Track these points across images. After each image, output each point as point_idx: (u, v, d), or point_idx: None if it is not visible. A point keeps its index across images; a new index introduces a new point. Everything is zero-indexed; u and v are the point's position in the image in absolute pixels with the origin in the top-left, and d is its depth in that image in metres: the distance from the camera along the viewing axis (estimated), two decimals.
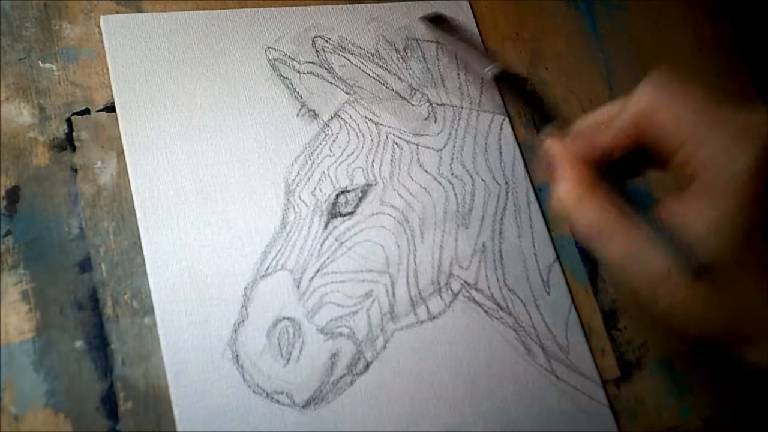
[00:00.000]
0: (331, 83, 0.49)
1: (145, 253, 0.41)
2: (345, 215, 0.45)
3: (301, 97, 0.47)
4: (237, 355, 0.40)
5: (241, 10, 0.48)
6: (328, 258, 0.44)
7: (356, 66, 0.49)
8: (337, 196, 0.46)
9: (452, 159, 0.49)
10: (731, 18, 0.64)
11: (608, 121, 0.39)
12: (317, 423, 0.40)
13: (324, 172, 0.46)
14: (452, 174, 0.49)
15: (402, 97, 0.50)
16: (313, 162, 0.46)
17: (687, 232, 0.34)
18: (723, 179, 0.35)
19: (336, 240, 0.44)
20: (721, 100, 0.36)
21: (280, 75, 0.48)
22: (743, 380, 0.43)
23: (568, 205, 0.38)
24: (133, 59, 0.44)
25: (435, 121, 0.50)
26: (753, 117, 0.35)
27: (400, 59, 0.51)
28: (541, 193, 0.51)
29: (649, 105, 0.37)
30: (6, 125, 0.41)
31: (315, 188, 0.45)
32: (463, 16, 0.54)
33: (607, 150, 0.38)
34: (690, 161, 0.35)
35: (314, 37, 0.49)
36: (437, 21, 0.51)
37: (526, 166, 0.51)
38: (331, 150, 0.47)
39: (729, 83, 0.62)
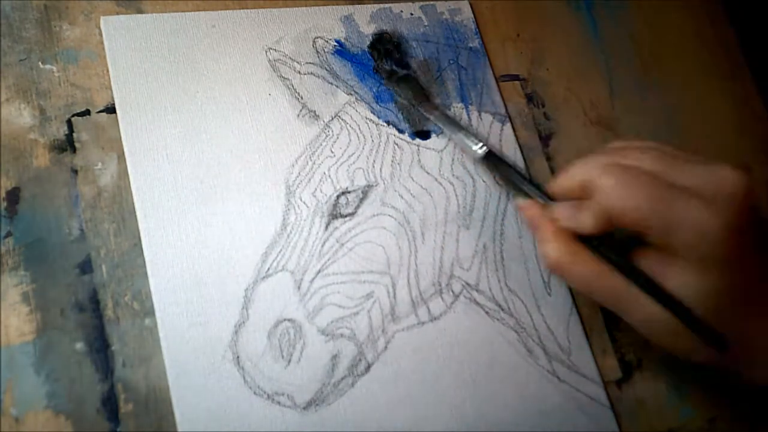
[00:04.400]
0: (331, 84, 0.48)
1: (145, 254, 0.41)
2: (346, 216, 0.45)
3: (302, 97, 0.47)
4: (238, 357, 0.40)
5: (242, 11, 0.48)
6: (329, 259, 0.44)
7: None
8: (338, 197, 0.46)
9: (453, 160, 0.49)
10: (731, 18, 0.64)
11: (580, 194, 0.40)
12: (318, 424, 0.40)
13: (325, 173, 0.46)
14: (453, 175, 0.49)
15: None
16: (314, 163, 0.46)
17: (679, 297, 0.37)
18: (698, 255, 0.37)
19: (337, 241, 0.44)
20: (676, 169, 0.38)
21: (281, 76, 0.47)
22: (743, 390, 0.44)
23: (562, 265, 0.40)
24: (133, 60, 0.44)
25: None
26: (710, 178, 0.37)
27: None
28: None
29: (613, 204, 0.38)
30: (6, 126, 0.41)
31: (316, 189, 0.45)
32: (463, 16, 0.54)
33: (587, 233, 0.40)
34: (664, 244, 0.38)
35: (314, 38, 0.49)
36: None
37: (527, 167, 0.51)
38: (331, 151, 0.46)
39: (729, 83, 0.62)
